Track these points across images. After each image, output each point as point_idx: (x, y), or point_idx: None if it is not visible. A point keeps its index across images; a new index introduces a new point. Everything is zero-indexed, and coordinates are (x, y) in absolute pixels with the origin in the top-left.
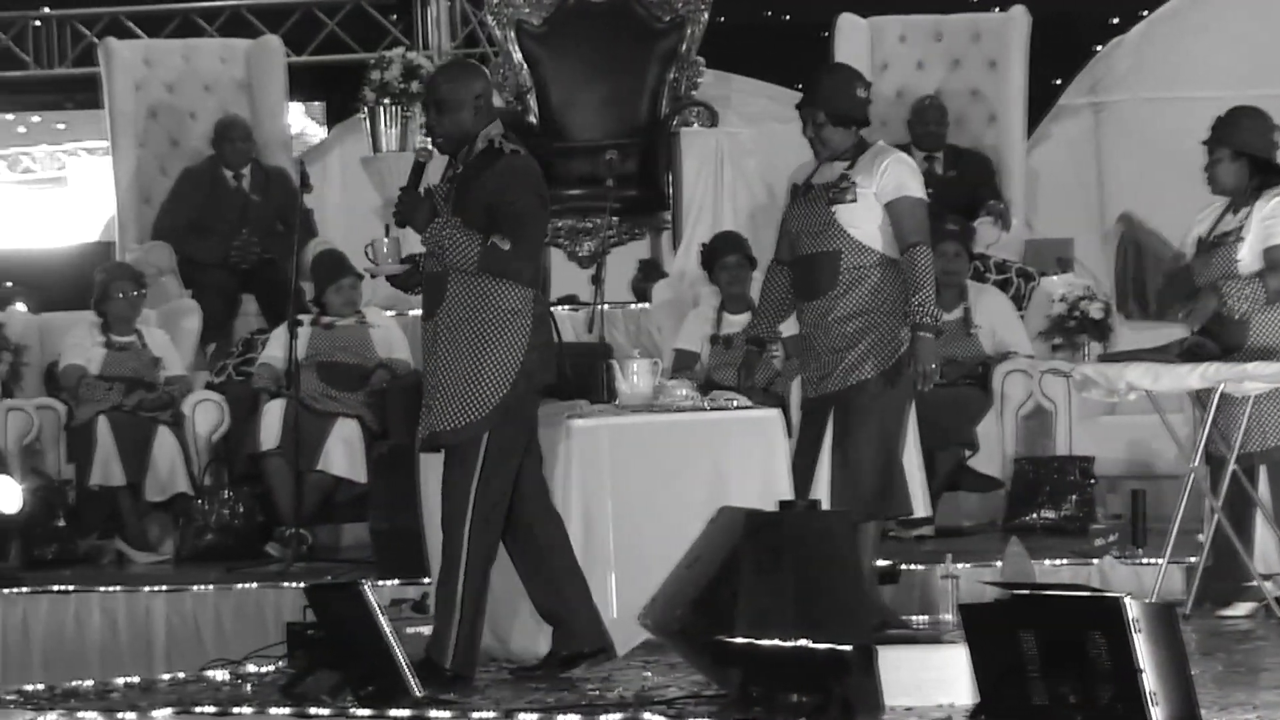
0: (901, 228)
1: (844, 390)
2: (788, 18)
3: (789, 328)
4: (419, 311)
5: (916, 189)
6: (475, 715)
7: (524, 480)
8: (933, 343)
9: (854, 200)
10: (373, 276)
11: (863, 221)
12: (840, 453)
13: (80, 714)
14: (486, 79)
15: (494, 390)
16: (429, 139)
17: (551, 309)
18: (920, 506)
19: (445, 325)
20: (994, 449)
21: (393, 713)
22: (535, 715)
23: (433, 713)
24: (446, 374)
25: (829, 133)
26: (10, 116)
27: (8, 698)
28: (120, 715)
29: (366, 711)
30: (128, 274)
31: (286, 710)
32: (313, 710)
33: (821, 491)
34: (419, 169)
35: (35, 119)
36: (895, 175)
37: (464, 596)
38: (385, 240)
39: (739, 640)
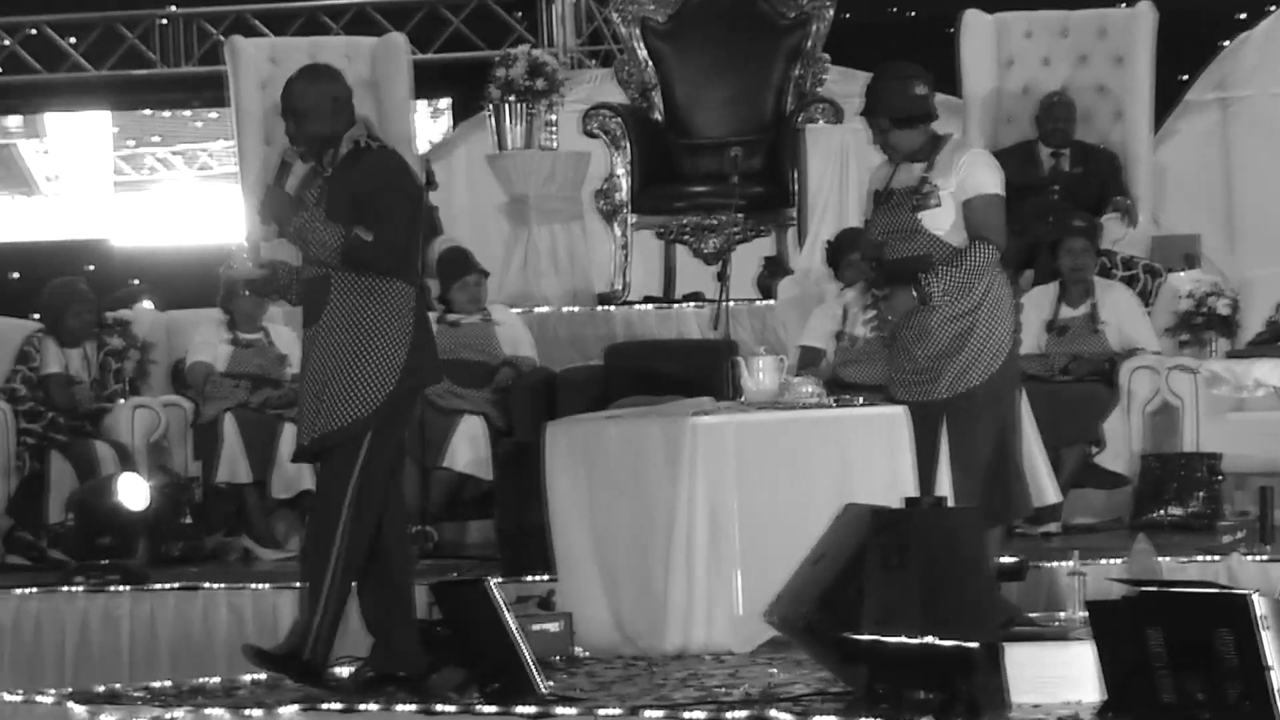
0: (970, 223)
1: (953, 399)
2: (913, 14)
3: None
4: (547, 309)
5: (992, 185)
6: (602, 712)
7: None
8: (909, 301)
9: (938, 204)
10: (228, 281)
11: (948, 223)
12: (958, 462)
13: (207, 711)
14: (343, 81)
15: (379, 388)
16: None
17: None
18: (1050, 494)
19: (327, 327)
20: (1121, 446)
21: (518, 709)
22: (661, 712)
23: (559, 709)
24: (332, 374)
25: (895, 137)
26: (188, 113)
27: (135, 694)
28: (247, 712)
29: (492, 708)
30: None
31: (412, 707)
32: (438, 707)
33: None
34: (285, 168)
35: (213, 115)
36: (970, 173)
37: (330, 592)
38: (244, 245)
39: (865, 637)
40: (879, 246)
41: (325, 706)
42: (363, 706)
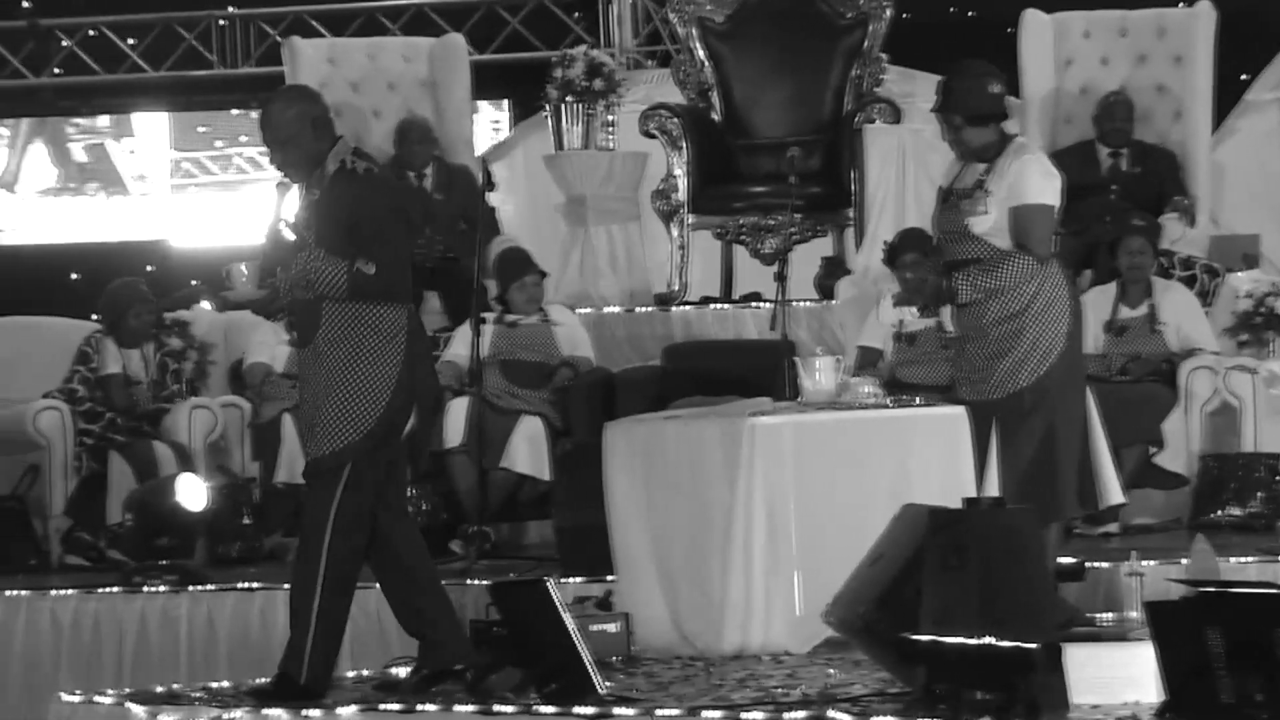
0: (1013, 231)
1: (1003, 399)
2: (972, 14)
3: None
4: (606, 309)
5: (1039, 194)
6: (660, 713)
7: (387, 490)
8: (938, 291)
9: (985, 212)
10: (227, 304)
11: (988, 225)
12: (1005, 462)
13: (265, 711)
14: (321, 100)
15: (370, 411)
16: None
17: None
18: (1116, 494)
19: (321, 351)
20: (1179, 446)
21: (577, 710)
22: (719, 713)
23: (617, 710)
24: (324, 399)
25: (968, 134)
26: (255, 114)
27: (194, 695)
28: (306, 713)
29: (551, 709)
30: None
31: (471, 707)
32: (497, 707)
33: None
34: (282, 193)
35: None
36: (1019, 180)
37: (319, 611)
38: (243, 266)
39: (923, 638)
40: (938, 245)
41: (384, 707)
42: (421, 707)
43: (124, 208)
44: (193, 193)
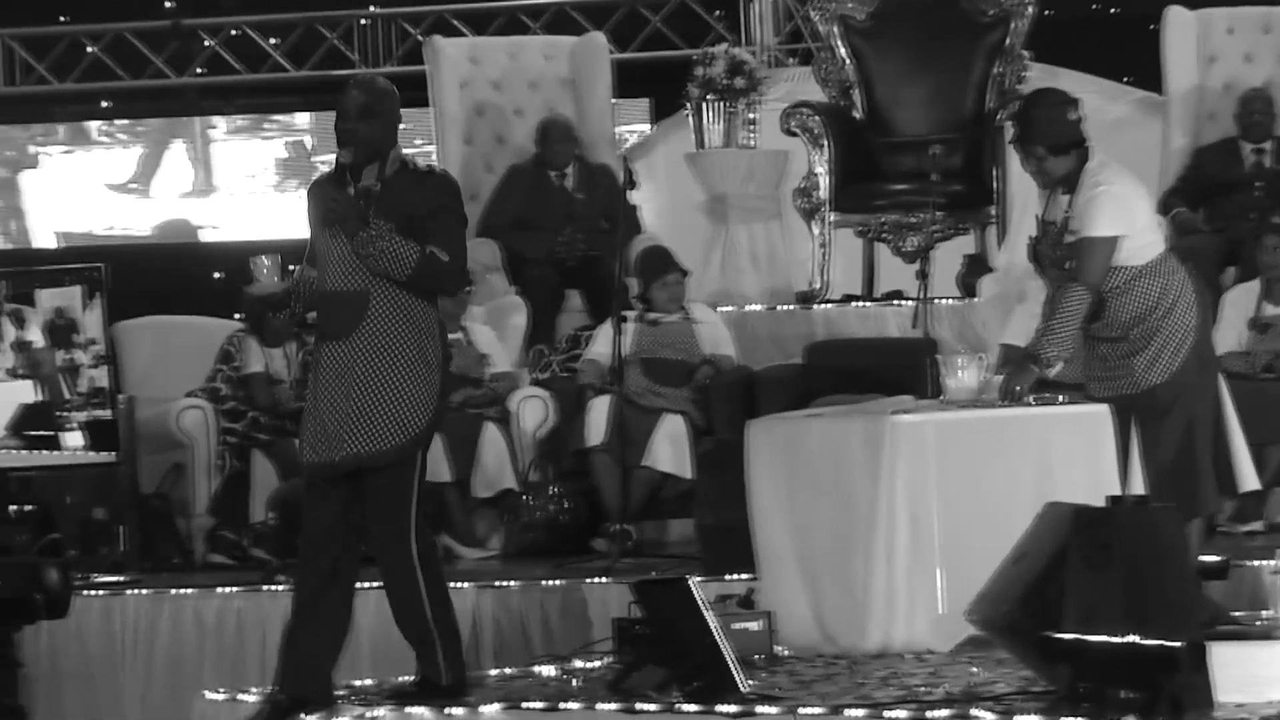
0: (1074, 264)
1: (1137, 395)
2: (1115, 10)
3: None
4: (747, 307)
5: (1099, 228)
6: (803, 711)
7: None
8: (1029, 374)
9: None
10: (254, 295)
11: None
12: (1147, 458)
13: (409, 709)
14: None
15: (425, 408)
16: (347, 145)
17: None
18: (1251, 479)
19: (365, 344)
20: None
21: (720, 708)
22: (862, 711)
23: (760, 709)
24: (375, 388)
25: (1051, 164)
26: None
27: (338, 693)
28: (449, 710)
29: (694, 707)
30: None
31: (614, 706)
32: (640, 706)
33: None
34: (343, 170)
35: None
36: (1082, 214)
37: (433, 615)
38: (266, 259)
39: (1067, 636)
40: (1044, 270)
41: (526, 705)
42: (564, 705)
43: (266, 207)
44: None
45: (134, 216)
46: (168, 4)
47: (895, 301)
